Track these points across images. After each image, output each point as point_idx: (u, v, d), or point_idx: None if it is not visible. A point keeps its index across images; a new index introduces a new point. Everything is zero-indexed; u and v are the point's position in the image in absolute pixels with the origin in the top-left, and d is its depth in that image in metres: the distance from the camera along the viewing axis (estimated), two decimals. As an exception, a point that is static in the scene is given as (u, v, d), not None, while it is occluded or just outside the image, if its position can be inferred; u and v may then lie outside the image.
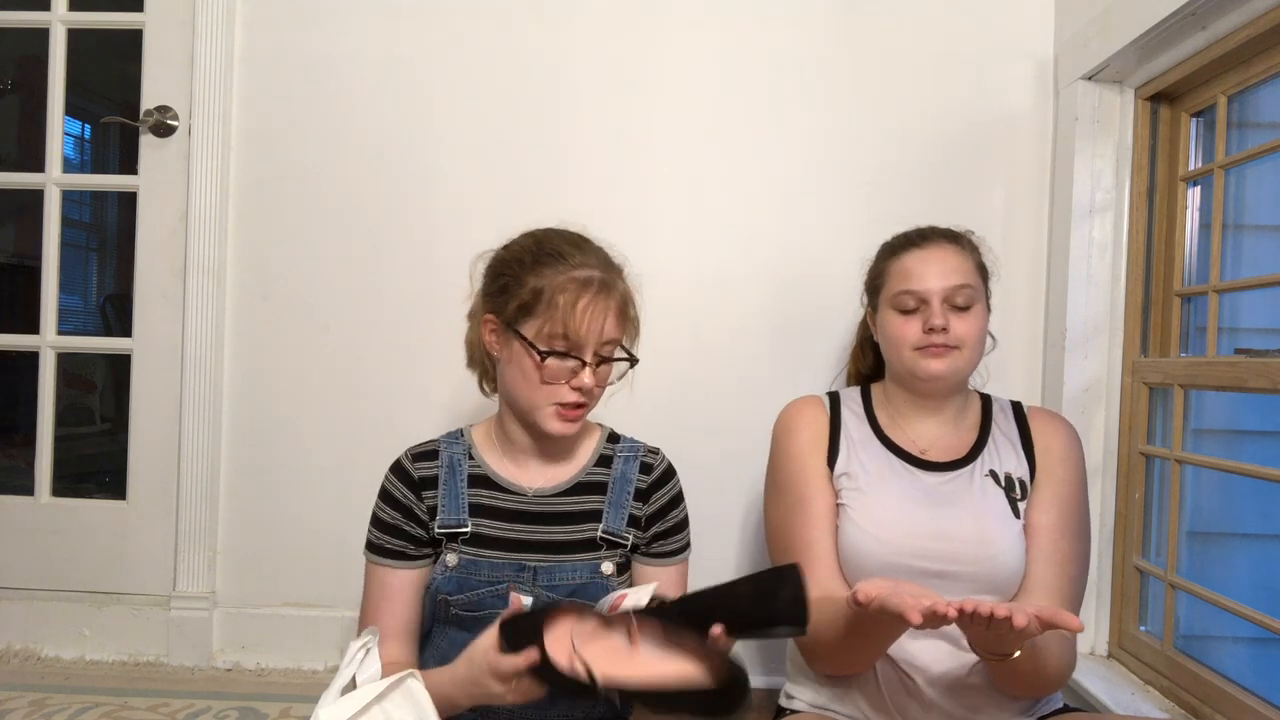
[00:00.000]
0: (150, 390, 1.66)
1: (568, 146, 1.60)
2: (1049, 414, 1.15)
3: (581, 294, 0.95)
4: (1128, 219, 1.43)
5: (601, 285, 0.97)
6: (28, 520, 1.68)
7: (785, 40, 1.58)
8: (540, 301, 0.96)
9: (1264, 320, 1.39)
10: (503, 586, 1.00)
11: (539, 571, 1.01)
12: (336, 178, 1.62)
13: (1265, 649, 1.39)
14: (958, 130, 1.56)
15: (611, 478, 1.07)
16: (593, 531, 1.04)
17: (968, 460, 1.09)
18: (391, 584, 1.01)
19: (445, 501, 1.03)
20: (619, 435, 1.13)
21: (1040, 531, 1.03)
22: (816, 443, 1.12)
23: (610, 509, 1.05)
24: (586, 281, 0.96)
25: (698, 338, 1.59)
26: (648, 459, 1.10)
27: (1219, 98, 1.26)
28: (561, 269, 0.97)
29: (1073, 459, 1.09)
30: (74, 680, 1.54)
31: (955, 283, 1.06)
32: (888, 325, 1.11)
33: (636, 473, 1.08)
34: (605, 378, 1.02)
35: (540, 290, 0.96)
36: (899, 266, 1.11)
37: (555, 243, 1.00)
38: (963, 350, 1.06)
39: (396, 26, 1.61)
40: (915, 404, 1.12)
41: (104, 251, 3.33)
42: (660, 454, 1.12)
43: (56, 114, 1.70)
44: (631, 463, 1.09)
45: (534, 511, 1.04)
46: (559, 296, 0.95)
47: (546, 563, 1.02)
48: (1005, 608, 0.78)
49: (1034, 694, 1.00)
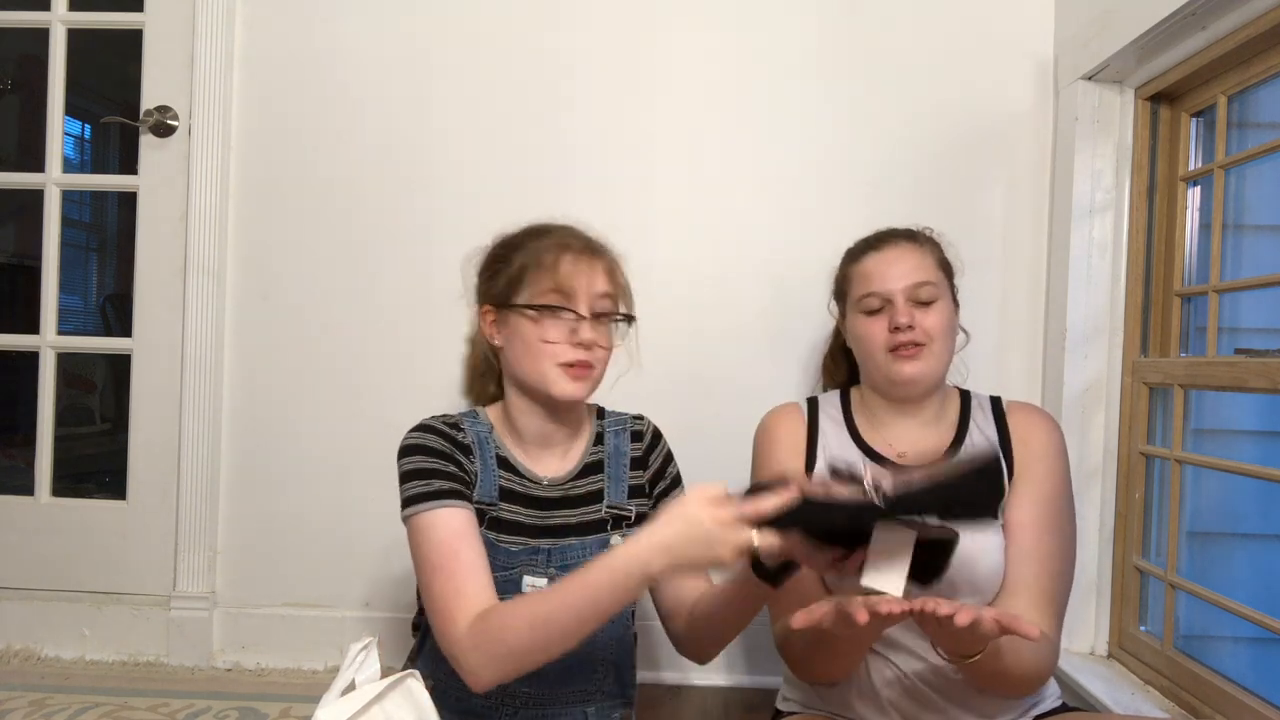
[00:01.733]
0: (150, 390, 1.66)
1: (568, 147, 1.60)
2: (1027, 408, 1.13)
3: (566, 252, 1.00)
4: (1128, 219, 1.43)
5: (586, 245, 1.02)
6: (28, 520, 1.68)
7: (785, 41, 1.58)
8: (529, 269, 1.00)
9: (1264, 320, 1.39)
10: (514, 572, 1.00)
11: (551, 554, 1.01)
12: (336, 178, 1.62)
13: (1265, 649, 1.39)
14: (958, 130, 1.56)
15: (606, 454, 1.08)
16: (598, 511, 1.05)
17: (946, 459, 1.08)
18: (454, 525, 0.92)
19: (482, 476, 1.01)
20: (605, 410, 1.14)
21: (1021, 530, 1.01)
22: (792, 453, 1.13)
23: (610, 484, 1.07)
24: (569, 244, 1.01)
25: (697, 337, 1.59)
26: (636, 427, 1.12)
27: (1219, 98, 1.26)
28: (545, 239, 1.02)
29: (1052, 453, 1.07)
30: (74, 680, 1.54)
31: (916, 280, 1.07)
32: (856, 328, 1.11)
33: (629, 443, 1.10)
34: (606, 337, 1.02)
35: (526, 263, 1.00)
36: (860, 270, 1.12)
37: (538, 224, 1.06)
38: (932, 346, 1.06)
39: (396, 26, 1.62)
40: (893, 408, 1.12)
41: (104, 251, 3.33)
42: (645, 419, 1.14)
43: (56, 114, 1.70)
44: (622, 435, 1.11)
45: (549, 498, 1.04)
46: (545, 257, 0.99)
47: (558, 545, 1.02)
48: (949, 606, 0.76)
49: (1003, 693, 0.99)
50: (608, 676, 1.05)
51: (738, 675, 1.59)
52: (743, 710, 1.49)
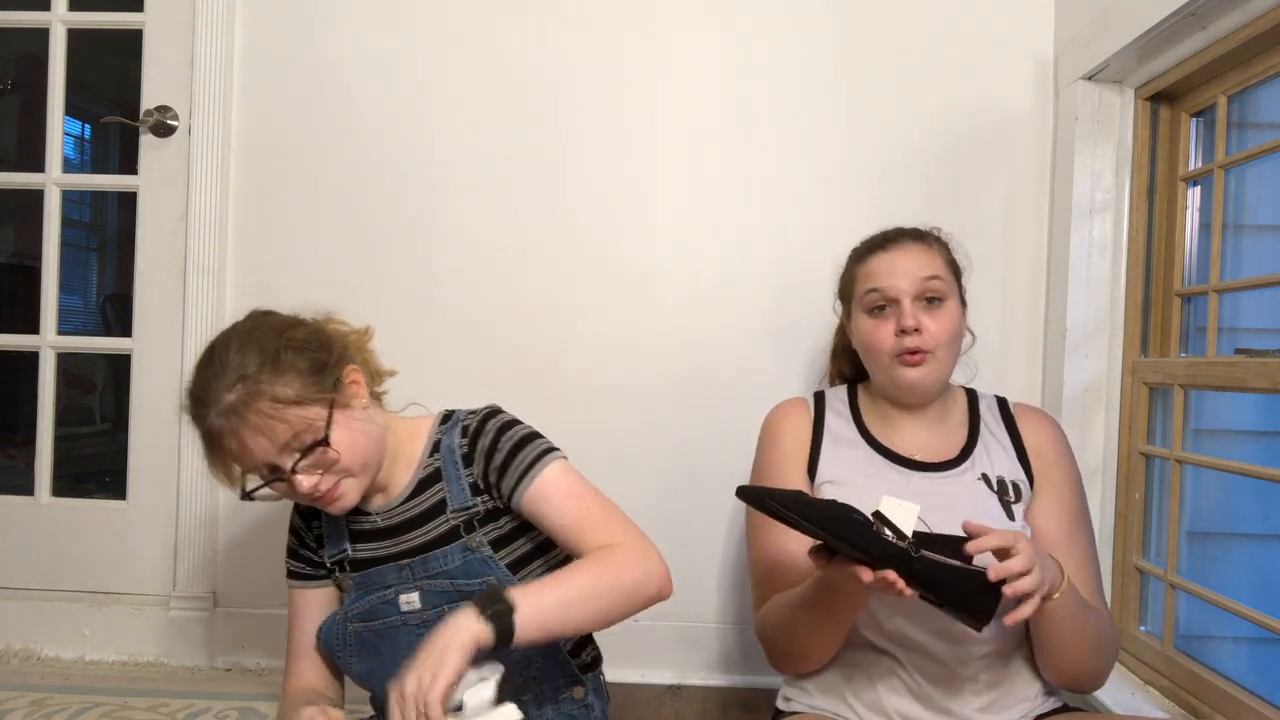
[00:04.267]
0: (150, 390, 1.66)
1: (568, 147, 1.60)
2: (1035, 412, 1.14)
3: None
4: (1128, 219, 1.43)
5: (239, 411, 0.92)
6: (28, 520, 1.68)
7: (786, 41, 1.58)
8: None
9: (1264, 320, 1.39)
10: (389, 591, 1.03)
11: (413, 566, 1.03)
12: (336, 178, 1.62)
13: (1265, 649, 1.39)
14: (958, 130, 1.56)
15: (442, 459, 1.06)
16: (446, 522, 1.04)
17: (958, 461, 1.08)
18: (293, 607, 1.11)
19: (330, 529, 1.09)
20: (452, 411, 1.11)
21: (1056, 542, 1.02)
22: (797, 450, 1.12)
23: (450, 488, 1.04)
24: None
25: (697, 337, 1.59)
26: (466, 421, 1.07)
27: (1219, 98, 1.25)
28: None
29: (1065, 458, 1.09)
30: (74, 680, 1.53)
31: (924, 276, 1.06)
32: (861, 329, 1.10)
33: (458, 439, 1.05)
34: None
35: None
36: (866, 269, 1.11)
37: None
38: (938, 352, 1.05)
39: (396, 26, 1.61)
40: (898, 410, 1.12)
41: (104, 251, 3.33)
42: (479, 410, 1.08)
43: (56, 114, 1.70)
44: (452, 433, 1.06)
45: (390, 526, 1.05)
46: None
47: (422, 557, 1.03)
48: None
49: (1081, 663, 0.98)
50: (532, 667, 1.04)
51: (738, 675, 1.59)
52: (743, 710, 1.49)
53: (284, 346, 0.95)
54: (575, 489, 1.01)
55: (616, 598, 0.93)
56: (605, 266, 1.59)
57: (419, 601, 1.02)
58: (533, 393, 1.54)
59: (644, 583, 0.95)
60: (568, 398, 1.58)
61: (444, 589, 1.02)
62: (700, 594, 1.58)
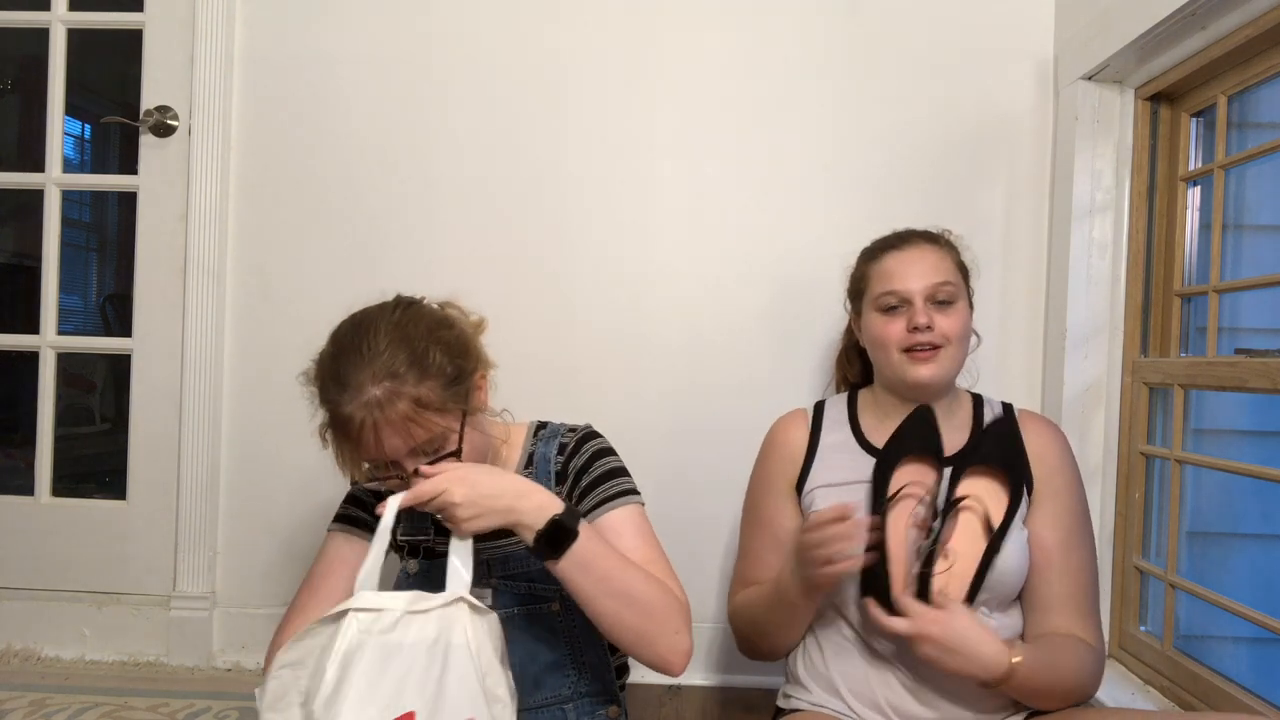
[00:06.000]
0: (150, 390, 1.66)
1: (569, 147, 1.60)
2: (1039, 420, 1.14)
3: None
4: (1128, 219, 1.43)
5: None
6: (28, 520, 1.68)
7: (786, 41, 1.58)
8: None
9: (1264, 320, 1.39)
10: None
11: (491, 564, 1.03)
12: (336, 178, 1.62)
13: (1265, 649, 1.39)
14: (958, 130, 1.56)
15: (535, 471, 1.06)
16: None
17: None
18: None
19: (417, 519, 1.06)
20: (546, 423, 1.12)
21: (1051, 547, 1.03)
22: (789, 465, 1.14)
23: None
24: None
25: (698, 338, 1.59)
26: (565, 439, 1.07)
27: (1219, 98, 1.26)
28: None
29: (1068, 465, 1.09)
30: (74, 680, 1.54)
31: (936, 280, 1.07)
32: (872, 327, 1.12)
33: (554, 454, 1.06)
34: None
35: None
36: (879, 269, 1.12)
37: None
38: (948, 349, 1.07)
39: (396, 26, 1.62)
40: (905, 408, 1.12)
41: (104, 251, 3.33)
42: (579, 429, 1.09)
43: (56, 114, 1.70)
44: (550, 444, 1.07)
45: None
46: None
47: (496, 555, 1.04)
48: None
49: (1058, 705, 0.99)
50: (583, 678, 1.05)
51: (738, 675, 1.59)
52: (743, 710, 1.49)
53: (433, 347, 0.93)
54: (649, 534, 1.02)
55: (639, 621, 0.91)
56: (605, 266, 1.59)
57: (490, 599, 1.01)
58: (532, 393, 1.54)
59: (666, 637, 0.92)
60: (568, 398, 1.58)
61: (519, 591, 1.03)
62: (700, 594, 1.58)
